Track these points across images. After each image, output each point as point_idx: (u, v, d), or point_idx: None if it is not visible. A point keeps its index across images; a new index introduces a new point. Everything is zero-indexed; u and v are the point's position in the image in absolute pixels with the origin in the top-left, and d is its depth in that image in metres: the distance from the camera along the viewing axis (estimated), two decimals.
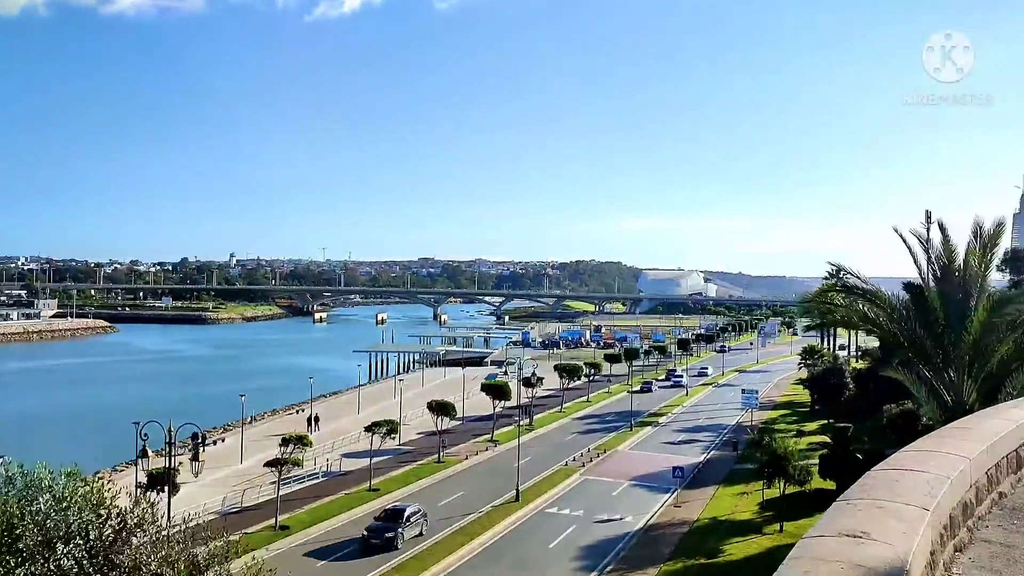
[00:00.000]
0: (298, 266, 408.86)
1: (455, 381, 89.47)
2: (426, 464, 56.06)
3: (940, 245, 24.10)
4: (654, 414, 77.10)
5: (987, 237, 23.78)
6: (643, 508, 45.65)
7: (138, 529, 11.04)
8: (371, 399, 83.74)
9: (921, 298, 24.19)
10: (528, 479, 50.24)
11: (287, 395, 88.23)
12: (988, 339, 23.15)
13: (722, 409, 79.40)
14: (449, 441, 60.52)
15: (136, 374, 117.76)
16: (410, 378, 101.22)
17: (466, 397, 76.10)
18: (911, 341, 24.75)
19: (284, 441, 46.27)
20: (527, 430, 65.65)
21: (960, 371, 23.34)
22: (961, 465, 6.12)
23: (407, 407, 70.91)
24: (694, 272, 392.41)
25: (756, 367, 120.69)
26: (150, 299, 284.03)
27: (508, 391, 67.73)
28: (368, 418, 60.92)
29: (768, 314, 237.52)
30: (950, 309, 23.42)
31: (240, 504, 45.53)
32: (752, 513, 43.71)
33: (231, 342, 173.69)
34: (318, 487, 49.92)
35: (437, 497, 47.96)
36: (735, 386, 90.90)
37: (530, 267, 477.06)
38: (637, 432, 67.96)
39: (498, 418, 66.28)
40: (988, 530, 6.41)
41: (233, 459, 58.27)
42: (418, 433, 65.97)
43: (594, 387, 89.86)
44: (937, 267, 24.10)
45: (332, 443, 62.23)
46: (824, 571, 3.90)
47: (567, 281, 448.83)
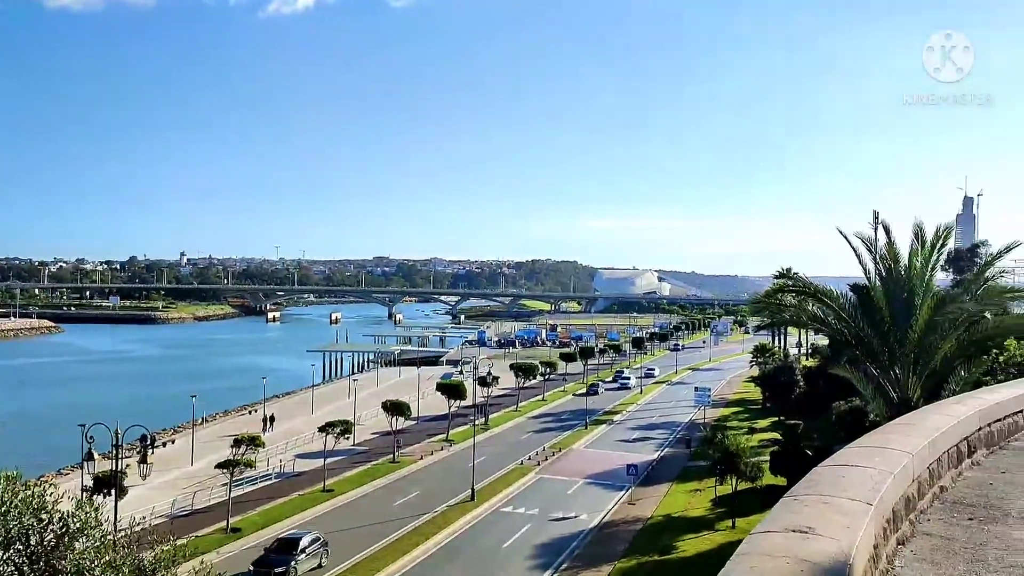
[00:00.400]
0: (251, 265, 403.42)
1: (410, 381, 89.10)
2: (381, 464, 55.75)
3: (885, 247, 24.61)
4: (609, 412, 77.58)
5: (934, 240, 24.33)
6: (597, 506, 45.91)
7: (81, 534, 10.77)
8: (325, 399, 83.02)
9: (867, 298, 24.68)
10: (483, 478, 50.20)
11: (239, 396, 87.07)
12: (932, 337, 23.69)
13: (675, 407, 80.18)
14: (404, 441, 60.25)
15: (83, 375, 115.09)
16: (365, 378, 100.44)
17: (421, 397, 75.86)
18: (858, 340, 25.25)
19: (236, 442, 45.66)
20: (482, 429, 65.61)
21: (905, 368, 23.86)
22: (904, 460, 6.24)
23: (361, 407, 70.39)
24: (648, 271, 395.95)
25: (709, 365, 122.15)
26: (97, 299, 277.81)
27: (463, 390, 67.64)
28: (322, 418, 60.43)
29: (721, 313, 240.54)
30: (895, 308, 23.92)
31: (190, 506, 44.82)
32: (705, 510, 44.23)
33: (182, 342, 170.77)
34: (271, 488, 49.34)
35: (392, 497, 47.75)
36: (688, 384, 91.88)
37: (486, 266, 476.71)
38: (592, 430, 68.34)
39: (453, 417, 66.16)
40: (929, 523, 6.54)
41: (183, 461, 57.33)
42: (373, 433, 65.55)
43: (550, 386, 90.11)
44: (882, 268, 24.60)
45: (285, 444, 61.56)
46: (770, 566, 3.93)
47: (523, 280, 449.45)
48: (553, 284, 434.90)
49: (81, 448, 39.07)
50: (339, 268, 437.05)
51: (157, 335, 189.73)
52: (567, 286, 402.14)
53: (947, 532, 6.37)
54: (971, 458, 8.54)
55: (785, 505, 4.98)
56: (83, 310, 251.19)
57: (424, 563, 37.15)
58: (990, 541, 6.18)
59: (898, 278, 24.11)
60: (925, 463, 6.90)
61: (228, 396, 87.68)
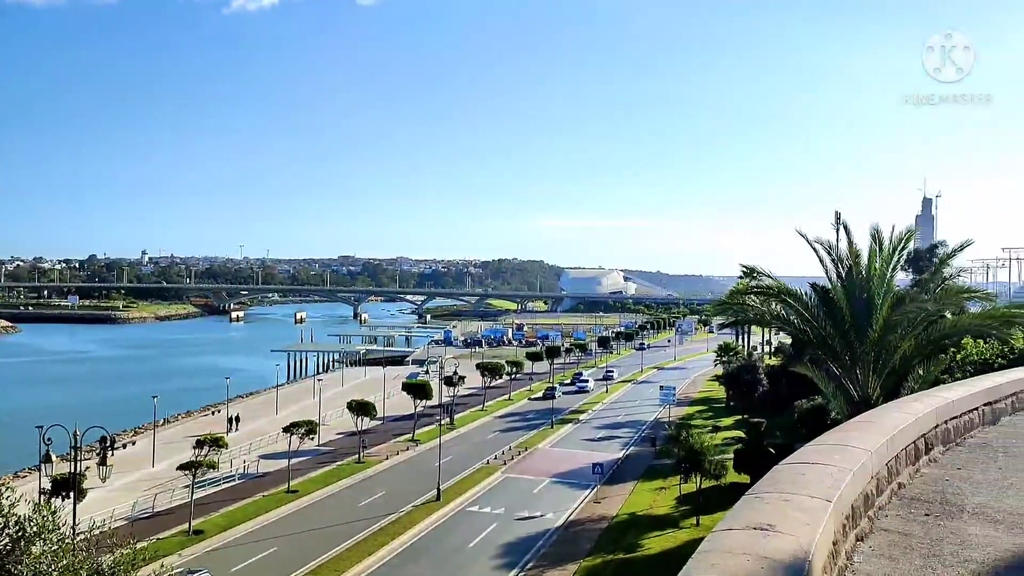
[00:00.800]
0: (214, 264, 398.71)
1: (376, 380, 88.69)
2: (346, 464, 55.43)
3: (845, 248, 24.96)
4: (575, 411, 77.82)
5: (894, 242, 24.73)
6: (563, 505, 46.04)
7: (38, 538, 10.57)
8: (289, 399, 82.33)
9: (829, 298, 25.02)
10: (449, 478, 50.16)
11: (202, 396, 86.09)
12: (891, 336, 24.08)
13: (641, 406, 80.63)
14: (369, 441, 59.99)
15: (40, 376, 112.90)
16: (330, 378, 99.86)
17: (387, 397, 75.52)
18: (820, 339, 25.58)
19: (199, 443, 45.13)
20: (448, 429, 65.53)
21: (865, 367, 24.22)
22: (863, 458, 6.32)
23: (327, 407, 69.95)
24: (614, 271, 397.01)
25: (674, 364, 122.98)
26: (56, 298, 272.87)
27: (429, 390, 67.48)
28: (286, 418, 59.95)
29: (686, 312, 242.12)
30: (856, 308, 24.28)
31: (152, 509, 44.24)
32: (669, 508, 44.55)
33: (143, 342, 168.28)
34: (234, 490, 48.84)
35: (357, 497, 47.50)
36: (653, 383, 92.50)
37: (452, 266, 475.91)
38: (558, 429, 68.51)
39: (419, 417, 65.96)
40: (888, 519, 6.65)
41: (144, 463, 56.53)
42: (338, 433, 65.16)
43: (516, 385, 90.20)
44: (842, 269, 24.95)
45: (249, 444, 60.97)
46: (731, 564, 3.97)
47: (489, 280, 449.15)
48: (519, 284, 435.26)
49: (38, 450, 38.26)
50: (304, 267, 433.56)
51: (117, 335, 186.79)
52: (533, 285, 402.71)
53: (905, 528, 6.48)
54: (928, 455, 8.69)
55: (746, 503, 5.02)
56: (41, 309, 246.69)
57: (390, 563, 37.01)
58: (946, 537, 6.29)
59: (858, 279, 24.47)
60: (884, 460, 7.00)
61: (191, 397, 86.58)
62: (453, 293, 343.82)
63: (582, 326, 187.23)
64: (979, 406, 10.80)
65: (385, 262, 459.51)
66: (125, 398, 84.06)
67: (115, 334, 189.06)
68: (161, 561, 16.55)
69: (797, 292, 25.82)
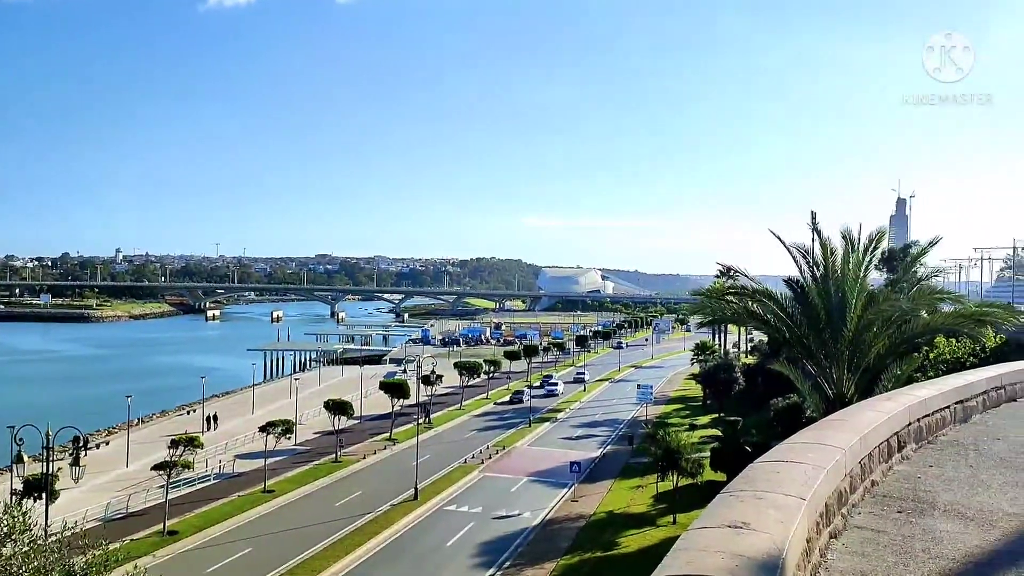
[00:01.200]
0: (190, 262, 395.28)
1: (353, 380, 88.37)
2: (323, 464, 55.20)
3: (819, 248, 25.15)
4: (552, 410, 77.92)
5: (867, 242, 24.96)
6: (541, 503, 46.10)
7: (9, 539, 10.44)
8: (266, 399, 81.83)
9: (804, 297, 25.21)
10: (427, 477, 50.10)
11: (178, 395, 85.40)
12: (865, 335, 24.31)
13: (618, 404, 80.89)
14: (346, 440, 59.76)
15: (12, 375, 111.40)
16: (306, 377, 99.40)
17: (364, 396, 75.29)
18: (796, 338, 25.77)
19: (173, 443, 44.72)
20: (426, 428, 65.44)
21: (840, 366, 24.43)
22: (837, 455, 6.39)
23: (303, 406, 69.60)
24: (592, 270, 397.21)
25: (651, 363, 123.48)
26: (28, 296, 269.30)
27: (407, 389, 67.31)
28: (263, 418, 59.57)
29: (663, 311, 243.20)
30: (830, 307, 24.48)
31: (125, 510, 43.79)
32: (647, 506, 44.73)
33: (117, 341, 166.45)
34: (210, 490, 48.47)
35: (334, 497, 47.30)
36: (631, 381, 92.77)
37: (430, 264, 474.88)
38: (535, 428, 68.58)
39: (397, 416, 65.81)
40: (860, 517, 6.72)
41: (118, 463, 55.97)
42: (315, 433, 64.85)
43: (494, 384, 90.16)
44: (816, 269, 25.15)
45: (225, 444, 60.56)
46: (707, 561, 4.00)
47: (467, 279, 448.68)
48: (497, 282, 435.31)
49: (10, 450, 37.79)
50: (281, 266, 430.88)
51: (91, 334, 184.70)
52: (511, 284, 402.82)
53: (877, 525, 6.55)
54: (901, 453, 8.79)
55: (721, 501, 5.06)
56: (12, 308, 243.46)
57: (367, 562, 36.89)
58: (917, 534, 6.37)
59: (833, 278, 24.68)
60: (857, 458, 7.07)
61: (165, 396, 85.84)
62: (431, 292, 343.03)
63: (560, 325, 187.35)
64: (951, 404, 10.94)
65: (363, 261, 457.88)
66: (98, 398, 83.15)
67: (88, 333, 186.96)
68: (134, 562, 16.40)
69: (772, 292, 25.99)
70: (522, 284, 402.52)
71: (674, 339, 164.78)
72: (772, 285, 27.02)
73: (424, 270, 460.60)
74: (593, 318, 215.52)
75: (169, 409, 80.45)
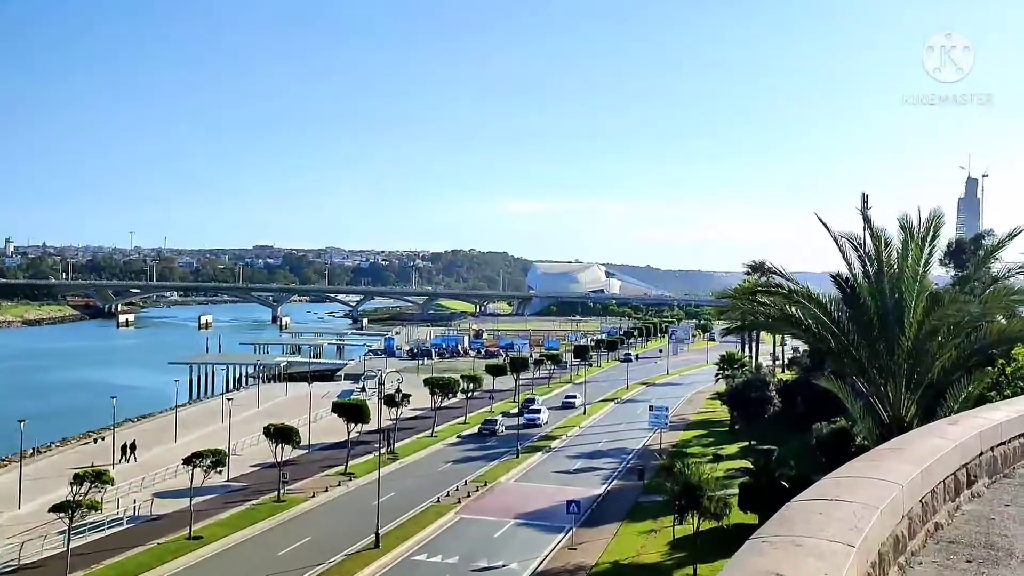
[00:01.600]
0: (98, 255, 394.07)
1: (300, 400, 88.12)
2: (262, 504, 55.06)
3: (871, 238, 25.18)
4: (546, 437, 78.01)
5: (923, 229, 24.86)
6: (531, 552, 46.10)
7: None
8: (192, 424, 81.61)
9: (853, 298, 25.25)
10: (391, 520, 50.05)
11: (83, 420, 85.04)
12: (927, 345, 24.38)
13: (626, 430, 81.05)
14: (292, 475, 59.64)
15: None
16: (242, 396, 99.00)
17: (314, 420, 75.14)
18: (843, 347, 25.82)
19: (77, 478, 44.49)
20: (390, 459, 65.33)
21: (897, 382, 24.49)
22: (893, 492, 6.40)
23: (238, 433, 69.36)
24: (594, 265, 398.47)
25: (667, 379, 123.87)
26: None
27: (366, 412, 67.18)
28: (188, 447, 59.42)
29: (681, 315, 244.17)
30: (885, 310, 24.53)
31: (17, 561, 43.56)
32: (661, 554, 44.82)
33: (6, 352, 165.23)
34: (123, 536, 48.28)
35: (277, 544, 47.17)
36: (641, 402, 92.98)
37: (395, 258, 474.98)
38: (525, 459, 68.62)
39: (354, 445, 65.68)
40: (922, 567, 6.74)
41: (9, 503, 55.68)
42: (252, 466, 64.73)
43: (473, 405, 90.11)
44: (869, 263, 25.20)
45: (142, 479, 60.39)
46: None
47: (440, 275, 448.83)
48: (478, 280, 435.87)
49: None
50: (211, 259, 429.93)
51: None
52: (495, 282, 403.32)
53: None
54: (971, 489, 8.82)
55: (752, 548, 5.07)
56: None
57: None
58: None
59: (888, 275, 24.73)
60: (917, 496, 7.09)
61: (68, 421, 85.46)
62: (396, 292, 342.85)
63: (555, 332, 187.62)
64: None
65: (311, 254, 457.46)
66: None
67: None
68: None
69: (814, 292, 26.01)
70: (508, 282, 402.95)
71: (695, 350, 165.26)
72: (815, 285, 27.09)
73: (387, 265, 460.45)
74: (595, 324, 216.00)
75: (72, 436, 79.99)
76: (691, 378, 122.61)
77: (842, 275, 25.66)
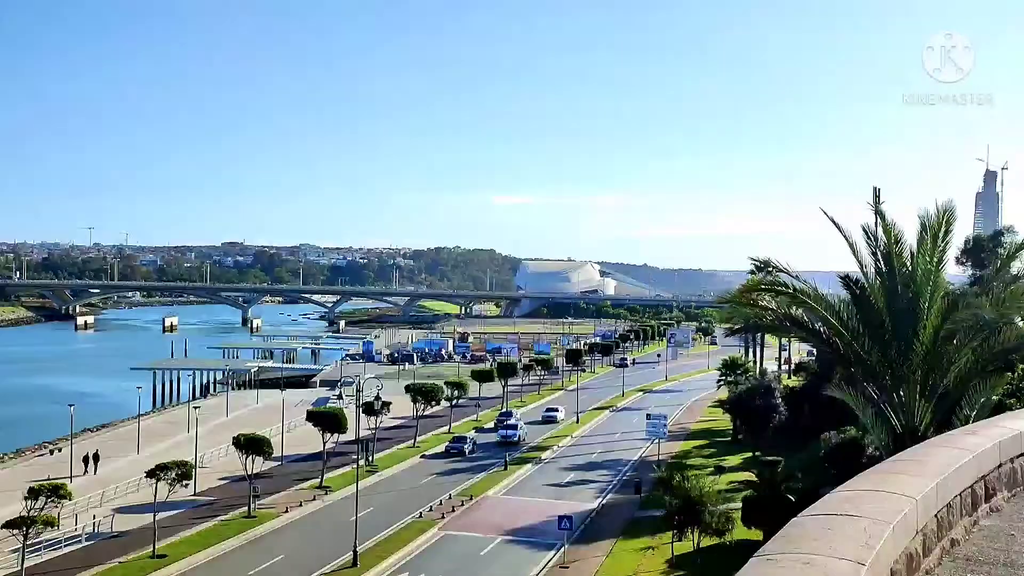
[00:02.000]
0: (54, 252, 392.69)
1: (272, 408, 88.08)
2: (232, 520, 54.95)
3: (883, 234, 25.19)
4: (536, 448, 78.06)
5: (935, 224, 24.74)
6: (519, 571, 46.13)
7: None
8: (156, 434, 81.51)
9: (863, 298, 25.29)
10: (369, 536, 49.99)
11: (38, 430, 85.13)
12: (943, 349, 24.45)
13: (622, 440, 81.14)
14: (263, 488, 59.50)
15: None
16: (210, 405, 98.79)
17: (287, 430, 75.01)
18: (853, 352, 25.86)
19: (32, 492, 44.34)
20: (368, 472, 65.25)
21: (911, 388, 24.53)
22: (906, 507, 6.42)
23: (206, 444, 69.14)
24: (587, 264, 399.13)
25: (665, 385, 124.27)
26: None
27: (343, 421, 67.06)
28: (152, 459, 59.24)
29: (681, 317, 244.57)
30: (897, 313, 24.57)
31: None
32: (659, 573, 44.88)
33: None
34: (82, 554, 48.08)
35: (247, 563, 47.09)
36: (638, 410, 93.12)
37: (374, 256, 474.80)
38: (514, 471, 68.61)
39: (330, 457, 65.60)
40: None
41: None
42: (221, 479, 64.57)
43: (458, 414, 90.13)
44: (880, 261, 25.22)
45: (102, 493, 60.16)
46: None
47: (423, 275, 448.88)
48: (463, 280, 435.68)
49: None
50: (176, 257, 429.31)
51: None
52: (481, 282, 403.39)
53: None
54: (989, 503, 8.85)
55: (756, 566, 5.08)
56: None
57: None
58: None
59: (900, 274, 24.76)
60: (932, 510, 7.12)
61: (22, 431, 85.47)
62: (375, 292, 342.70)
63: (545, 336, 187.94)
64: None
65: (284, 251, 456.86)
66: None
67: None
68: None
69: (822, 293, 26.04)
70: (496, 282, 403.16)
71: (695, 354, 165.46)
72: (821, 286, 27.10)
73: (366, 263, 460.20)
74: (589, 327, 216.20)
75: (27, 447, 79.79)
76: (691, 384, 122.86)
77: (851, 275, 25.70)
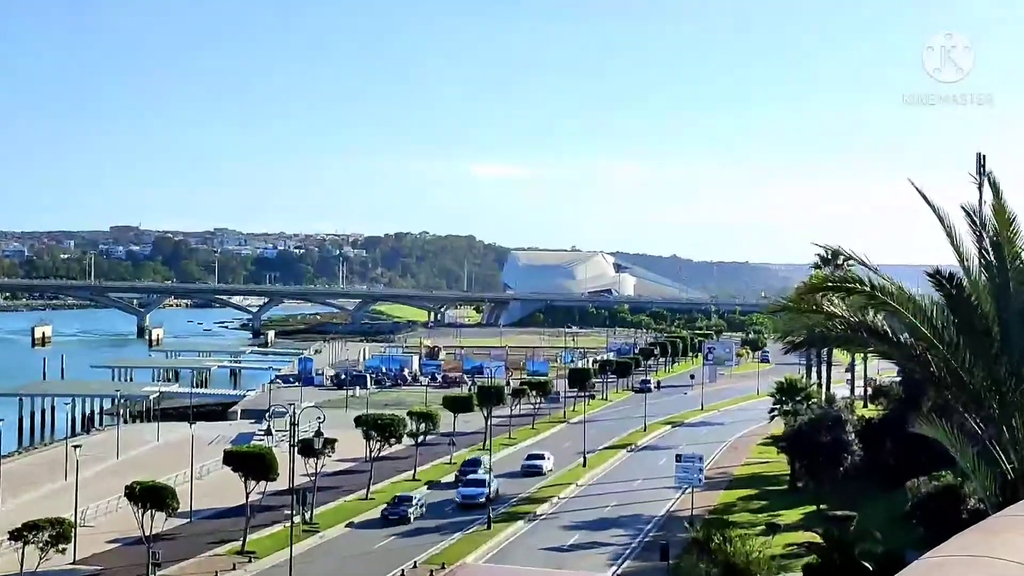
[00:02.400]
0: None
1: (178, 447, 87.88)
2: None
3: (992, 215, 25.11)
4: (529, 500, 77.89)
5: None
6: None
7: None
8: (23, 481, 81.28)
9: (963, 301, 25.16)
10: None
11: None
12: None
13: (644, 489, 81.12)
14: (167, 554, 59.36)
15: None
16: (95, 442, 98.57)
17: (198, 475, 74.84)
18: (950, 371, 25.80)
19: None
20: (307, 532, 65.14)
21: None
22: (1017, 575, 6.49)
23: (90, 494, 69.06)
24: (598, 255, 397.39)
25: (701, 416, 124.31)
26: None
27: (273, 464, 66.93)
28: (17, 515, 59.27)
29: (721, 326, 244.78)
30: (1010, 320, 24.53)
31: None
32: None
33: None
34: None
35: None
36: (665, 449, 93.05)
37: (313, 244, 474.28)
38: (499, 531, 68.46)
39: (255, 512, 65.46)
40: None
41: None
42: (110, 541, 64.46)
43: (426, 454, 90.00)
44: (990, 251, 25.07)
45: None
46: None
47: (379, 269, 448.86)
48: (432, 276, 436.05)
49: None
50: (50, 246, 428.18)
51: None
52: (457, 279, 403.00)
53: None
54: None
55: None
56: None
57: None
58: None
59: (1013, 268, 24.72)
60: None
61: None
62: (315, 292, 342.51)
63: (542, 351, 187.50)
64: None
65: (194, 238, 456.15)
66: None
67: None
68: None
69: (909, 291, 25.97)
70: (476, 279, 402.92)
71: (741, 375, 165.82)
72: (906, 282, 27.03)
73: (303, 254, 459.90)
74: (600, 339, 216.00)
75: None
76: (735, 415, 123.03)
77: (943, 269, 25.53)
